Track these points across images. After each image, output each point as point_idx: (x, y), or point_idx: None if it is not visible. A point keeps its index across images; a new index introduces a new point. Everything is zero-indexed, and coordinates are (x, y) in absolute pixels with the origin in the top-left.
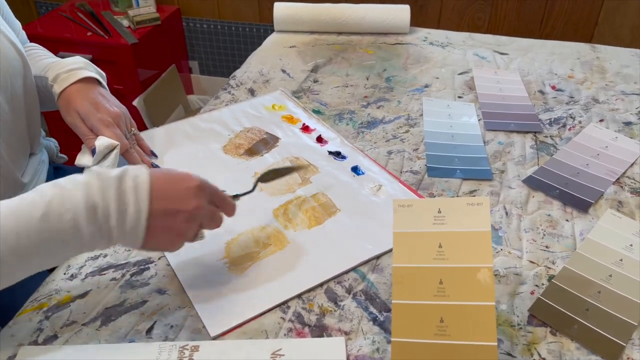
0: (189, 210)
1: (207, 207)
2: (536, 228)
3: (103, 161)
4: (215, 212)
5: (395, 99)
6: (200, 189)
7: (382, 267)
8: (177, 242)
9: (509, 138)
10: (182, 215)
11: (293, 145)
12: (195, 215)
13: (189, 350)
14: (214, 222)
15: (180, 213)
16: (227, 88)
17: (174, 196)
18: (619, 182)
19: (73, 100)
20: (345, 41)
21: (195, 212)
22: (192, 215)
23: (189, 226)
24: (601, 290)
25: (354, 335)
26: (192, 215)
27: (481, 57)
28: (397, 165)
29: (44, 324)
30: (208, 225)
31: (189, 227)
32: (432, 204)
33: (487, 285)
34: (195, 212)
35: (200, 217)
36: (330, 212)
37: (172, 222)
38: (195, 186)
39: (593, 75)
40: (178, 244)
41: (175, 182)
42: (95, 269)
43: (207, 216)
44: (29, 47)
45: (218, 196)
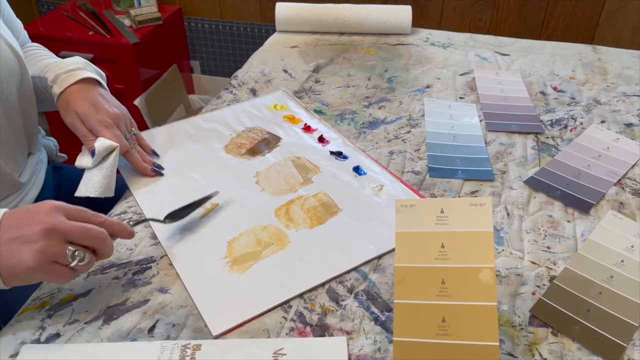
0: (39, 228)
1: (65, 224)
2: (537, 229)
3: (102, 163)
4: (85, 227)
5: (396, 100)
6: (54, 208)
7: (384, 267)
8: (36, 265)
9: (510, 139)
10: (32, 236)
11: (294, 145)
12: (47, 231)
13: (191, 349)
14: (92, 237)
15: (29, 235)
16: (229, 88)
17: (22, 221)
18: (620, 183)
19: (72, 101)
20: (347, 41)
21: (46, 227)
22: (44, 232)
23: (42, 244)
24: (602, 291)
25: (356, 335)
26: (44, 231)
27: (482, 58)
28: (398, 166)
29: (46, 322)
30: (86, 241)
31: (42, 245)
32: (435, 204)
33: (489, 286)
34: (46, 227)
35: (56, 233)
36: (332, 212)
37: (21, 246)
38: (49, 207)
39: (594, 77)
40: (41, 268)
41: (26, 210)
42: (97, 267)
43: (74, 233)
44: (30, 47)
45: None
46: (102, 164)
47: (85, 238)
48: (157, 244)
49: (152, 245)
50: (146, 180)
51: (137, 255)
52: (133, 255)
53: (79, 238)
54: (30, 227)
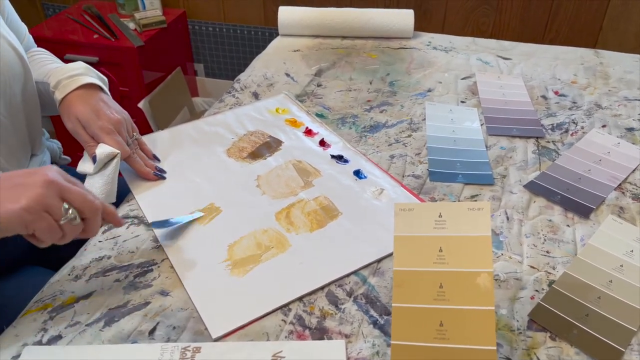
0: (39, 179)
1: (65, 182)
2: (537, 233)
3: (104, 169)
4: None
5: (398, 103)
6: (56, 170)
7: (383, 271)
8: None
9: (511, 143)
10: (31, 183)
11: (296, 148)
12: (47, 182)
13: (191, 351)
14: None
15: (29, 183)
16: (232, 91)
17: (22, 174)
18: (621, 188)
19: (74, 107)
20: (349, 45)
21: (47, 179)
22: (44, 182)
23: (40, 192)
24: (601, 296)
25: (354, 338)
26: (44, 182)
27: (484, 62)
28: (399, 170)
29: (48, 324)
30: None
31: (40, 192)
32: (433, 208)
33: (486, 290)
34: (46, 178)
35: (54, 187)
36: (332, 216)
37: (19, 190)
38: (50, 167)
39: (596, 81)
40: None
41: (28, 169)
42: (99, 270)
43: (70, 191)
44: (35, 51)
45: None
46: (103, 171)
47: (80, 201)
48: (158, 247)
49: (153, 248)
50: (148, 184)
51: (139, 258)
52: (134, 257)
53: (74, 198)
54: (31, 177)
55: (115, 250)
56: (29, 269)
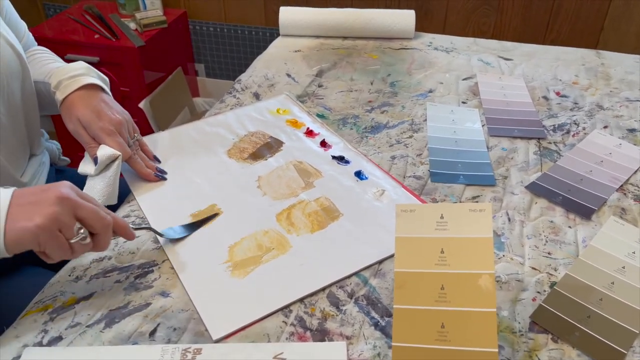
0: (53, 195)
1: (78, 199)
2: (539, 234)
3: (105, 171)
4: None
5: (399, 104)
6: (69, 185)
7: (384, 272)
8: (44, 226)
9: (512, 144)
10: (46, 201)
11: (297, 149)
12: (61, 199)
13: (192, 353)
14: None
15: (44, 200)
16: (232, 92)
17: (36, 191)
18: (623, 189)
19: (75, 108)
20: (350, 46)
21: (61, 195)
22: (58, 199)
23: (54, 210)
24: (603, 298)
25: (356, 340)
26: (58, 198)
27: (485, 62)
28: (400, 170)
29: (49, 325)
30: (90, 220)
31: (55, 210)
32: (435, 210)
33: (488, 292)
34: (60, 195)
35: (68, 204)
36: (333, 217)
37: (34, 208)
38: (64, 182)
39: (597, 82)
40: (46, 231)
41: (40, 185)
42: (99, 271)
43: (83, 208)
44: (35, 50)
45: (94, 203)
46: (104, 173)
47: (93, 218)
48: (159, 247)
49: (154, 249)
50: (149, 185)
51: (139, 259)
52: (135, 258)
53: (87, 216)
54: (44, 194)
55: (115, 251)
56: (28, 269)
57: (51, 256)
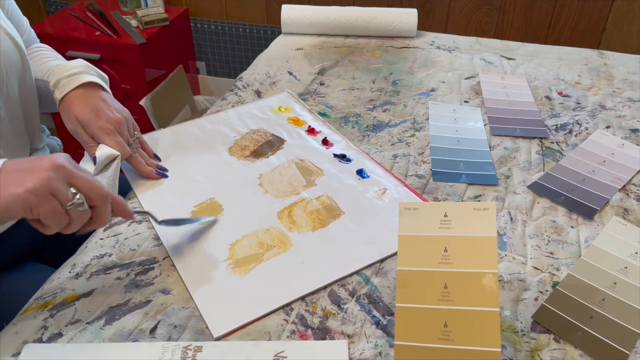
0: (47, 163)
1: (73, 168)
2: (541, 234)
3: (104, 171)
4: (90, 177)
5: (401, 103)
6: (65, 156)
7: (386, 271)
8: (37, 190)
9: (514, 143)
10: (39, 167)
11: (298, 147)
12: (55, 166)
13: (192, 350)
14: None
15: (36, 167)
16: (234, 89)
17: (29, 160)
18: (625, 190)
19: (73, 107)
20: (352, 44)
21: (55, 163)
22: (52, 166)
23: (48, 175)
24: (605, 298)
25: (357, 338)
26: (52, 165)
27: (488, 62)
28: (402, 169)
29: (49, 322)
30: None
31: (48, 175)
32: (439, 208)
33: (491, 291)
34: (54, 162)
35: (62, 172)
36: (335, 215)
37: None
38: (59, 154)
39: (600, 82)
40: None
41: (32, 158)
42: (100, 268)
43: (77, 177)
44: (37, 47)
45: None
46: (104, 173)
47: (89, 187)
48: (159, 245)
49: (154, 246)
50: (150, 182)
51: (140, 256)
52: (136, 255)
53: (83, 185)
54: (38, 162)
55: (116, 247)
56: (28, 265)
57: (46, 223)
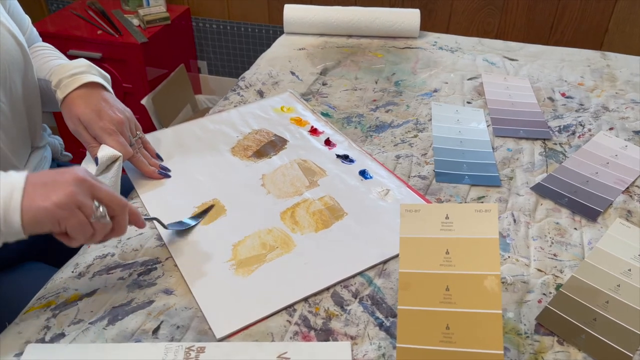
0: (71, 177)
1: (94, 181)
2: (544, 236)
3: (106, 172)
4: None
5: (404, 103)
6: (84, 170)
7: (389, 272)
8: (63, 204)
9: (517, 145)
10: (63, 181)
11: (301, 147)
12: (79, 180)
13: (195, 351)
14: (113, 198)
15: (60, 180)
16: (236, 89)
17: (52, 173)
18: (629, 191)
19: (75, 107)
20: (355, 44)
21: (78, 177)
22: (76, 180)
23: (73, 189)
24: (609, 300)
25: (360, 340)
26: (76, 179)
27: (491, 62)
28: (405, 170)
29: (51, 322)
30: (107, 200)
31: (73, 190)
32: (440, 210)
33: (494, 293)
34: (78, 177)
35: (86, 186)
36: (338, 216)
37: (51, 187)
38: (79, 167)
39: (603, 83)
40: (66, 209)
41: (57, 169)
42: (103, 268)
43: (100, 190)
44: (39, 46)
45: (102, 193)
46: (106, 174)
47: (110, 199)
48: (162, 245)
49: (157, 246)
50: (152, 182)
51: (143, 256)
52: (138, 256)
53: (104, 197)
54: (61, 176)
55: (119, 248)
56: (31, 264)
57: (73, 236)
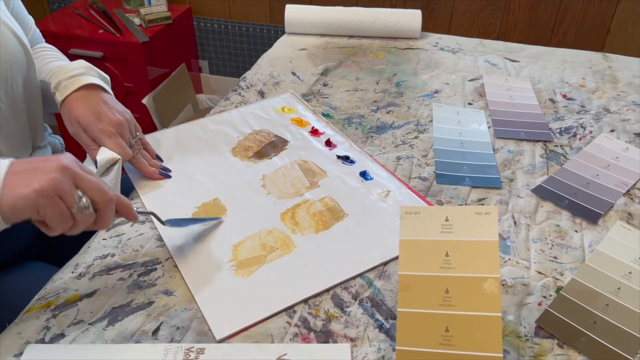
0: (54, 164)
1: (80, 170)
2: (545, 238)
3: (106, 175)
4: (95, 180)
5: (405, 104)
6: (71, 157)
7: (389, 274)
8: (44, 191)
9: (518, 146)
10: (46, 168)
11: (302, 148)
12: (63, 168)
13: (195, 352)
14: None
15: (43, 168)
16: (237, 89)
17: (36, 160)
18: (629, 194)
19: (74, 109)
20: (356, 45)
21: (62, 164)
22: (59, 167)
23: (55, 176)
24: (609, 303)
25: (360, 342)
26: (59, 166)
27: (492, 64)
28: (405, 171)
29: (51, 322)
30: (91, 191)
31: (55, 176)
32: (440, 212)
33: (493, 296)
34: (61, 164)
35: (69, 173)
36: (338, 217)
37: (33, 175)
38: (65, 155)
39: (605, 85)
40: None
41: (39, 158)
42: (103, 268)
43: (84, 179)
44: (41, 47)
45: (87, 183)
46: (105, 177)
47: (95, 189)
48: (162, 245)
49: (157, 247)
50: (153, 183)
51: (143, 256)
52: (138, 256)
53: (88, 187)
54: (45, 163)
55: (119, 248)
56: (31, 264)
57: (51, 225)
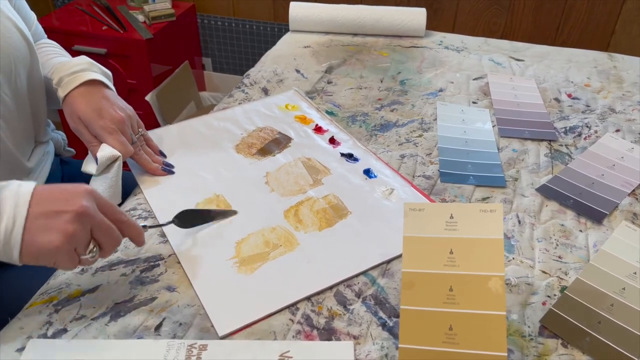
0: (74, 210)
1: (97, 214)
2: (549, 238)
3: (106, 172)
4: (110, 226)
5: (409, 103)
6: (89, 193)
7: (393, 272)
8: (62, 247)
9: (523, 145)
10: (66, 215)
11: (305, 146)
12: (81, 216)
13: (197, 349)
14: (110, 237)
15: (63, 213)
16: (241, 87)
17: (57, 197)
18: (634, 194)
19: (75, 106)
20: (360, 42)
21: (81, 211)
22: (78, 215)
23: (74, 228)
24: (614, 304)
25: (363, 340)
26: (78, 215)
27: (496, 62)
28: (409, 170)
29: (54, 317)
30: (103, 239)
31: (74, 229)
32: (444, 209)
33: (498, 294)
34: (80, 211)
35: (87, 221)
36: (341, 215)
37: (53, 223)
38: (84, 190)
39: (610, 85)
40: (64, 251)
41: (61, 188)
42: (105, 264)
43: (100, 227)
44: (43, 43)
45: (112, 211)
46: (106, 174)
47: (105, 236)
48: (165, 241)
49: (160, 243)
50: (156, 179)
51: (146, 252)
52: (141, 252)
53: (100, 232)
54: (66, 205)
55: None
56: None
57: (58, 268)
